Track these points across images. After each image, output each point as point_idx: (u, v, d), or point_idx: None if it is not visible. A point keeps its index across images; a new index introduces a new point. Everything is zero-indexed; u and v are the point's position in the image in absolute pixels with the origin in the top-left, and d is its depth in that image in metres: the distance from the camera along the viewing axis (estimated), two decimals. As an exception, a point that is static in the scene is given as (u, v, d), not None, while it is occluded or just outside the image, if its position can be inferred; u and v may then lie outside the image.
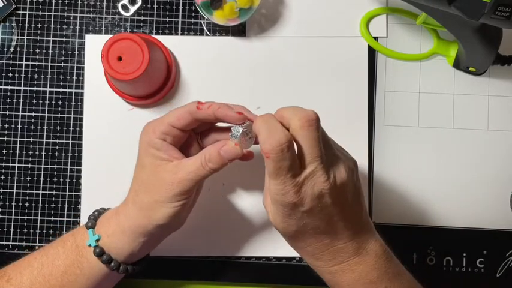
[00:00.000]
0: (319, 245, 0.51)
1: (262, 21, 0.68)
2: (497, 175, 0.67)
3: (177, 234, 0.58)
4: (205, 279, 0.67)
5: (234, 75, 0.67)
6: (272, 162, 0.47)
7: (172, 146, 0.53)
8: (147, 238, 0.54)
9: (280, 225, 0.50)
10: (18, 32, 0.68)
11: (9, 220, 0.67)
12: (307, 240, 0.51)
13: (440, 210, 0.67)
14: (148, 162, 0.53)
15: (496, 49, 0.63)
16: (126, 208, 0.55)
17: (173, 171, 0.52)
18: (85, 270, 0.54)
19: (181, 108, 0.54)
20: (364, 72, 0.67)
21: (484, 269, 0.67)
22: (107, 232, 0.54)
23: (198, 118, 0.53)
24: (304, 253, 0.53)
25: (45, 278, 0.54)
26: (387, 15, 0.68)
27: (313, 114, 0.49)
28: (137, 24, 0.68)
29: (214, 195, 0.66)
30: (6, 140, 0.67)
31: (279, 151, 0.47)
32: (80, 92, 0.67)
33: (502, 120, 0.68)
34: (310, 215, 0.49)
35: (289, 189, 0.47)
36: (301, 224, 0.50)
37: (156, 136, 0.53)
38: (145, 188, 0.53)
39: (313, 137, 0.48)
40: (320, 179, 0.48)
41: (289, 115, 0.49)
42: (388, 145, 0.67)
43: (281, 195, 0.48)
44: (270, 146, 0.47)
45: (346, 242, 0.51)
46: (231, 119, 0.52)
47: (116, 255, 0.54)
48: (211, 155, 0.52)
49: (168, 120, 0.53)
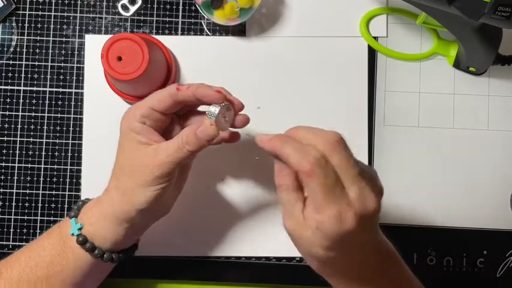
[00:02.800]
0: (356, 270, 0.49)
1: (263, 21, 0.68)
2: (497, 175, 0.67)
3: (176, 234, 0.58)
4: (205, 279, 0.67)
5: (234, 75, 0.67)
6: (317, 179, 0.44)
7: (152, 129, 0.53)
8: (130, 224, 0.54)
9: (321, 254, 0.47)
10: (18, 32, 0.68)
11: (9, 220, 0.67)
12: (346, 265, 0.49)
13: (440, 210, 0.67)
14: (128, 147, 0.53)
15: (496, 49, 0.63)
16: (109, 195, 0.55)
17: (153, 154, 0.52)
18: (70, 260, 0.54)
19: (162, 91, 0.54)
20: (364, 72, 0.67)
21: (484, 269, 0.67)
22: (89, 220, 0.55)
23: (178, 100, 0.53)
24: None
25: (32, 270, 0.54)
26: (387, 15, 0.68)
27: (338, 133, 0.46)
28: (137, 24, 0.68)
29: (214, 195, 0.66)
30: (6, 140, 0.67)
31: (321, 165, 0.44)
32: (80, 92, 0.67)
33: (502, 120, 0.68)
34: (360, 238, 0.46)
35: (346, 214, 0.44)
36: (348, 249, 0.47)
37: (136, 120, 0.53)
38: (126, 173, 0.53)
39: (348, 157, 0.45)
40: (370, 198, 0.45)
41: (310, 139, 0.46)
42: (388, 145, 0.67)
43: (336, 221, 0.44)
44: (309, 163, 0.44)
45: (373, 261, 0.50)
46: (210, 98, 0.52)
47: (99, 242, 0.54)
48: (188, 137, 0.52)
49: (148, 104, 0.53)
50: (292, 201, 0.47)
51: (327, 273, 0.51)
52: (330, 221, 0.44)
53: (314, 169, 0.44)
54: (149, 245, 0.61)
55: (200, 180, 0.65)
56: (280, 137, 0.47)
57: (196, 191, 0.65)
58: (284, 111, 0.67)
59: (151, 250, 0.63)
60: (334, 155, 0.45)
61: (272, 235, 0.66)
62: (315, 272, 0.54)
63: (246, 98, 0.67)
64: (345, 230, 0.44)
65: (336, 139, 0.45)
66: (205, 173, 0.66)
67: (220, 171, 0.61)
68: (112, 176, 0.55)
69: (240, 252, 0.66)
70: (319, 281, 0.54)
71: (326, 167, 0.44)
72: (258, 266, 0.66)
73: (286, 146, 0.45)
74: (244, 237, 0.66)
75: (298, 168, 0.44)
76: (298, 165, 0.44)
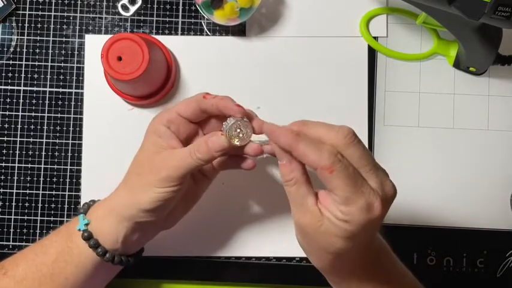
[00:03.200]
0: (366, 259, 0.50)
1: (263, 21, 0.68)
2: (497, 175, 0.67)
3: (176, 234, 0.58)
4: (205, 279, 0.67)
5: (234, 75, 0.67)
6: (339, 174, 0.44)
7: (174, 135, 0.54)
8: (131, 224, 0.54)
9: (339, 246, 0.47)
10: (18, 32, 0.68)
11: (9, 220, 0.67)
12: (357, 255, 0.49)
13: (440, 210, 0.67)
14: (147, 148, 0.54)
15: (496, 49, 0.63)
16: (117, 191, 0.56)
17: (165, 157, 0.53)
18: (74, 257, 0.54)
19: (190, 98, 0.55)
20: (364, 72, 0.67)
21: (484, 269, 0.67)
22: (96, 215, 0.55)
23: (203, 107, 0.54)
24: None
25: (37, 267, 0.54)
26: (387, 15, 0.68)
27: (350, 128, 0.47)
28: (137, 24, 0.68)
29: (214, 195, 0.66)
30: (6, 140, 0.67)
31: (340, 160, 0.45)
32: (80, 92, 0.67)
33: (502, 120, 0.68)
34: (378, 226, 0.48)
35: (375, 202, 0.45)
36: (367, 239, 0.48)
37: (161, 123, 0.54)
38: (137, 172, 0.54)
39: (363, 149, 0.46)
40: (389, 185, 0.47)
41: (323, 134, 0.47)
42: (388, 145, 0.67)
43: (366, 210, 0.45)
44: (328, 159, 0.44)
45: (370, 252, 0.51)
46: (229, 110, 0.52)
47: (102, 241, 0.54)
48: (200, 145, 0.52)
49: (176, 109, 0.54)
50: (303, 194, 0.47)
51: (336, 267, 0.50)
52: (360, 211, 0.45)
53: (334, 164, 0.44)
54: (149, 245, 0.61)
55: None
56: (293, 133, 0.47)
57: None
58: (284, 111, 0.67)
59: (151, 250, 0.63)
60: (349, 148, 0.46)
61: (272, 235, 0.66)
62: (315, 272, 0.54)
63: (246, 98, 0.66)
64: (374, 217, 0.45)
65: (349, 133, 0.46)
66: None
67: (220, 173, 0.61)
68: (126, 173, 0.56)
69: (240, 252, 0.66)
70: (319, 281, 0.55)
71: (343, 160, 0.45)
72: (258, 266, 0.66)
73: (302, 143, 0.46)
74: (244, 238, 0.66)
75: (318, 165, 0.45)
76: (319, 162, 0.45)
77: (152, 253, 0.64)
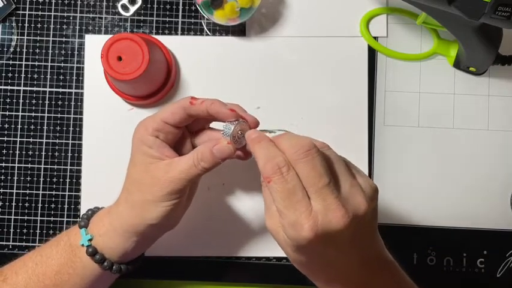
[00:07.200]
0: (332, 276, 0.49)
1: (263, 21, 0.68)
2: (497, 175, 0.67)
3: (176, 234, 0.58)
4: (205, 279, 0.67)
5: (234, 75, 0.67)
6: (275, 186, 0.45)
7: (164, 143, 0.53)
8: (140, 238, 0.54)
9: (292, 255, 0.48)
10: (18, 32, 0.68)
11: (9, 220, 0.67)
12: (319, 269, 0.49)
13: (440, 210, 0.67)
14: (140, 160, 0.53)
15: (496, 49, 0.63)
16: (119, 207, 0.54)
17: (165, 169, 0.51)
18: (78, 270, 0.54)
19: (175, 104, 0.53)
20: (364, 72, 0.67)
21: (484, 269, 0.67)
22: (99, 231, 0.54)
23: (191, 113, 0.53)
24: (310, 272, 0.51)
25: (39, 278, 0.54)
26: (387, 15, 0.68)
27: (311, 142, 0.46)
28: (137, 24, 0.68)
29: (214, 195, 0.66)
30: (6, 140, 0.67)
31: (281, 172, 0.45)
32: (80, 92, 0.67)
33: (502, 120, 0.68)
34: (327, 250, 0.46)
35: (303, 224, 0.44)
36: (315, 257, 0.48)
37: (148, 133, 0.52)
38: (137, 186, 0.53)
39: (315, 167, 0.45)
40: (336, 215, 0.44)
41: (283, 144, 0.47)
42: (388, 145, 0.67)
43: (292, 227, 0.45)
44: (270, 169, 0.45)
45: (358, 273, 0.49)
46: (223, 115, 0.52)
47: (108, 254, 0.54)
48: (204, 154, 0.51)
49: (161, 117, 0.52)
50: (270, 199, 0.47)
51: (304, 272, 0.51)
52: (288, 227, 0.45)
53: (273, 175, 0.45)
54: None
55: (201, 181, 0.65)
56: (262, 142, 0.48)
57: (197, 192, 0.65)
58: (284, 111, 0.67)
59: (152, 251, 0.63)
60: (297, 164, 0.45)
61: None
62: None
63: (246, 98, 0.67)
64: (302, 238, 0.44)
65: (306, 148, 0.45)
66: (206, 175, 0.65)
67: (221, 173, 0.61)
68: (123, 188, 0.55)
69: (240, 252, 0.66)
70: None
71: (287, 174, 0.45)
72: (258, 266, 0.66)
73: (258, 148, 0.47)
74: (244, 238, 0.66)
75: (261, 171, 0.46)
76: (261, 168, 0.46)
77: (152, 253, 0.64)
